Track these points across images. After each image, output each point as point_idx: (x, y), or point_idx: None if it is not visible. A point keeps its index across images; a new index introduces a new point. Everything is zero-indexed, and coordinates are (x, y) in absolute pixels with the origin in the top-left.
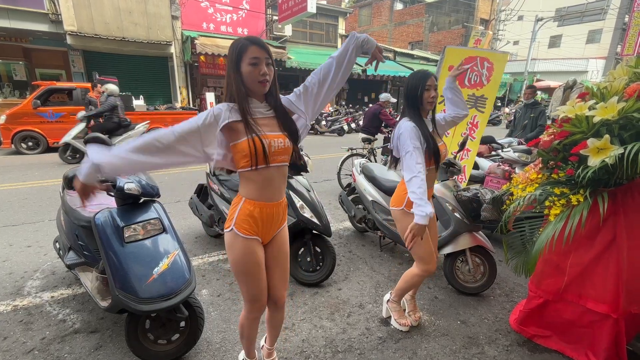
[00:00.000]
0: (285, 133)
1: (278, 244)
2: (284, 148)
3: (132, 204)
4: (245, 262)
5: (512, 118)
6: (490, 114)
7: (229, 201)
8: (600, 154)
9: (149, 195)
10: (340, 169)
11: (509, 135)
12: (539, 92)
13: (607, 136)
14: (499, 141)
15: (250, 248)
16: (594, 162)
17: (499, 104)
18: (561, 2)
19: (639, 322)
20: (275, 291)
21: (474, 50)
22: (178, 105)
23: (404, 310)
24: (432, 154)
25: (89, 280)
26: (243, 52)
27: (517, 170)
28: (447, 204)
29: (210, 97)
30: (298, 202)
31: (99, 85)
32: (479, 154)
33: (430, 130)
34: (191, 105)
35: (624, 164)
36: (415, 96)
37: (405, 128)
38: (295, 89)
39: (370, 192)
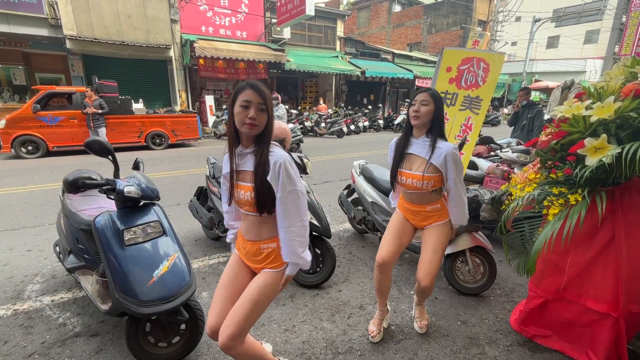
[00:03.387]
0: (255, 185)
1: (251, 283)
2: (245, 200)
3: (132, 207)
4: None
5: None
6: (487, 115)
7: None
8: (597, 153)
9: (149, 198)
10: None
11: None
12: (537, 93)
13: (604, 135)
14: (498, 141)
15: (232, 255)
16: (591, 161)
17: (496, 104)
18: (558, 3)
19: (639, 320)
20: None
21: (470, 51)
22: (177, 108)
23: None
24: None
25: (89, 283)
26: (239, 93)
27: (515, 170)
28: None
29: (209, 100)
30: None
31: (90, 91)
32: (478, 155)
33: (415, 152)
34: (190, 109)
35: (621, 163)
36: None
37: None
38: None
39: (370, 193)
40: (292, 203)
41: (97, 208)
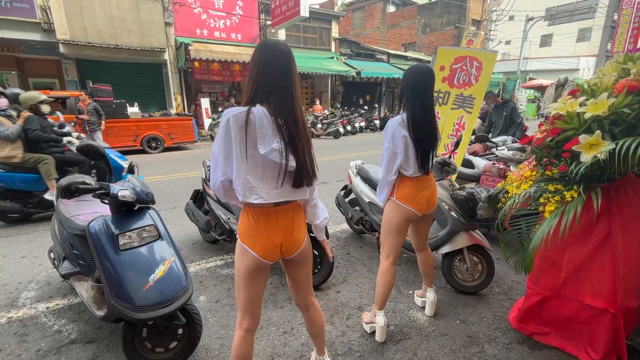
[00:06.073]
0: None
1: None
2: None
3: (126, 211)
4: None
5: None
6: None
7: (225, 206)
8: (592, 149)
9: (144, 202)
10: None
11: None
12: (531, 91)
13: (598, 132)
14: (494, 140)
15: None
16: (586, 157)
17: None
18: (551, 2)
19: (636, 316)
20: None
21: (464, 50)
22: (173, 111)
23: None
24: None
25: (85, 289)
26: None
27: (512, 168)
28: (444, 204)
29: (205, 102)
30: None
31: (84, 95)
32: (474, 153)
33: None
34: (186, 112)
35: (615, 159)
36: None
37: None
38: None
39: (367, 193)
40: None
41: (92, 213)
